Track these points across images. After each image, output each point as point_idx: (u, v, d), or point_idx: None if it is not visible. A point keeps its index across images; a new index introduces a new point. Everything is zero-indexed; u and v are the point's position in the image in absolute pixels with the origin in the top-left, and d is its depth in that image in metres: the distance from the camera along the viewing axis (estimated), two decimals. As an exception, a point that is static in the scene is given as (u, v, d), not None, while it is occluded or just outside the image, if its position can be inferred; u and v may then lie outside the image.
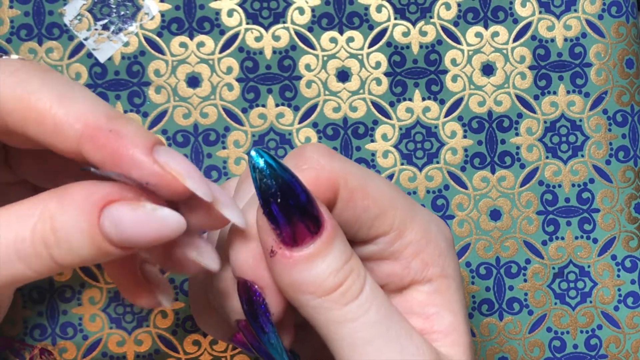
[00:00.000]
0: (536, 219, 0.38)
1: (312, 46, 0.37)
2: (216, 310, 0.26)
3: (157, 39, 0.37)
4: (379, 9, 0.37)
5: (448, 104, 0.38)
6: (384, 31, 0.37)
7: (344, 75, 0.37)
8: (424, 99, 0.37)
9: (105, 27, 0.36)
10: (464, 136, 0.38)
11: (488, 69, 0.38)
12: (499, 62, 0.38)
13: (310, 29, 0.37)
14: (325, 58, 0.37)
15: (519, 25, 0.38)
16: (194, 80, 0.37)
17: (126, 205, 0.20)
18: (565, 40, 0.38)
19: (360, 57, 0.37)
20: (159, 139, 0.21)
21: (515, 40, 0.38)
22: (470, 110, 0.38)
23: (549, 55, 0.38)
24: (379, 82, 0.37)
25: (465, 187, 0.37)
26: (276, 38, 0.37)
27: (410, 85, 0.37)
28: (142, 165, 0.20)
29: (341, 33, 0.37)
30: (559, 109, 0.38)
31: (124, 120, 0.21)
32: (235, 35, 0.37)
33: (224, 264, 0.24)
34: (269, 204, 0.22)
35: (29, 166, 0.26)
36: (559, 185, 0.38)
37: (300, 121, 0.37)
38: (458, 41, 0.38)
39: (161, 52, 0.37)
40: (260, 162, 0.22)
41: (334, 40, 0.37)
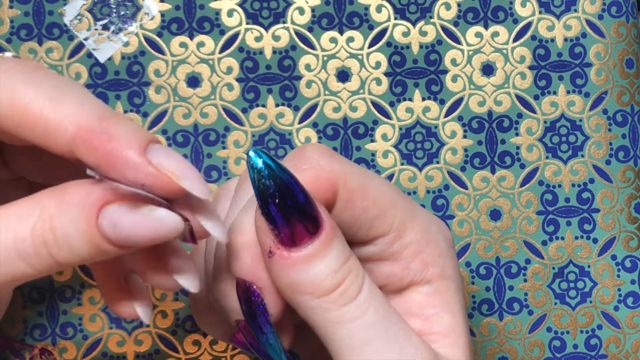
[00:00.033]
0: (536, 219, 0.38)
1: (312, 46, 0.37)
2: (216, 310, 0.26)
3: (157, 39, 0.37)
4: (379, 9, 0.37)
5: (448, 104, 0.38)
6: (384, 31, 0.37)
7: (344, 75, 0.37)
8: (424, 99, 0.37)
9: (105, 27, 0.36)
10: (464, 136, 0.38)
11: (488, 69, 0.38)
12: (499, 62, 0.38)
13: (310, 29, 0.37)
14: (325, 58, 0.37)
15: (519, 25, 0.38)
16: (194, 80, 0.37)
17: (124, 206, 0.20)
18: (565, 40, 0.38)
19: (360, 57, 0.37)
20: (152, 137, 0.21)
21: (515, 40, 0.38)
22: (470, 110, 0.38)
23: (549, 55, 0.38)
24: (379, 82, 0.37)
25: (465, 187, 0.37)
26: (276, 38, 0.37)
27: (410, 85, 0.37)
28: (136, 167, 0.20)
29: (341, 33, 0.37)
30: (559, 109, 0.38)
31: (116, 120, 0.21)
32: (235, 35, 0.37)
33: (223, 264, 0.24)
34: (267, 204, 0.22)
35: (24, 163, 0.26)
36: (559, 185, 0.38)
37: (300, 121, 0.37)
38: (458, 41, 0.38)
39: (161, 52, 0.37)
40: (259, 163, 0.22)
41: (334, 40, 0.37)
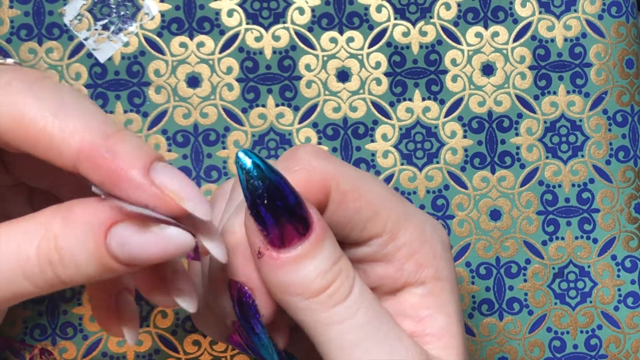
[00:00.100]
0: (536, 219, 0.38)
1: (312, 46, 0.37)
2: (213, 311, 0.26)
3: (157, 39, 0.37)
4: (379, 9, 0.37)
5: (448, 104, 0.38)
6: (384, 31, 0.37)
7: (344, 75, 0.37)
8: (424, 99, 0.37)
9: (105, 27, 0.36)
10: (464, 136, 0.38)
11: (488, 69, 0.38)
12: (499, 62, 0.38)
13: (310, 29, 0.37)
14: (325, 58, 0.37)
15: (519, 25, 0.38)
16: (194, 80, 0.37)
17: (133, 226, 0.20)
18: (565, 40, 0.38)
19: (360, 57, 0.37)
20: (156, 155, 0.21)
21: (515, 40, 0.38)
22: (470, 110, 0.38)
23: (549, 55, 0.38)
24: (379, 82, 0.37)
25: (465, 187, 0.37)
26: (276, 38, 0.37)
27: (410, 85, 0.37)
28: (140, 187, 0.20)
29: (341, 33, 0.37)
30: (559, 109, 0.38)
31: (121, 137, 0.21)
32: (235, 35, 0.37)
33: (217, 266, 0.24)
34: (256, 205, 0.22)
35: (26, 169, 0.26)
36: (559, 185, 0.38)
37: (300, 121, 0.37)
38: (458, 41, 0.38)
39: (161, 52, 0.37)
40: (248, 163, 0.22)
41: (334, 40, 0.37)
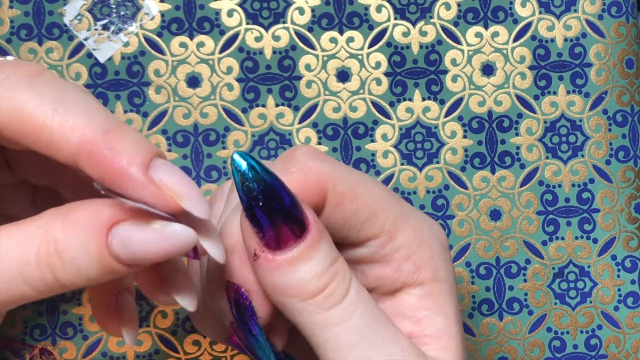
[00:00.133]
0: (536, 219, 0.38)
1: (312, 46, 0.37)
2: (211, 311, 0.26)
3: (157, 39, 0.37)
4: (379, 9, 0.37)
5: (448, 104, 0.38)
6: (384, 31, 0.37)
7: (344, 75, 0.37)
8: (424, 99, 0.37)
9: (105, 27, 0.36)
10: (464, 136, 0.38)
11: (488, 69, 0.38)
12: (499, 62, 0.38)
13: (310, 29, 0.37)
14: (325, 58, 0.37)
15: (519, 25, 0.38)
16: (194, 80, 0.37)
17: (134, 225, 0.20)
18: (565, 40, 0.38)
19: (360, 57, 0.37)
20: (156, 151, 0.21)
21: (515, 40, 0.38)
22: (470, 110, 0.38)
23: (549, 55, 0.38)
24: (379, 82, 0.37)
25: (465, 187, 0.37)
26: (276, 38, 0.37)
27: (410, 85, 0.37)
28: (138, 184, 0.20)
29: (341, 33, 0.37)
30: (559, 109, 0.38)
31: (120, 133, 0.20)
32: (235, 35, 0.37)
33: (214, 267, 0.24)
34: (252, 207, 0.22)
35: (29, 166, 0.26)
36: (559, 185, 0.38)
37: (300, 121, 0.37)
38: (458, 41, 0.38)
39: (161, 52, 0.37)
40: (243, 165, 0.22)
41: (334, 40, 0.37)
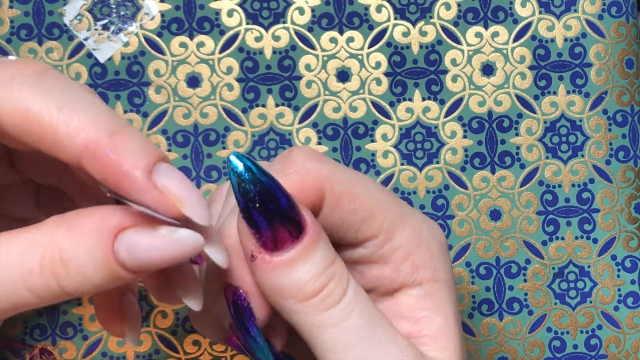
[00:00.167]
0: (536, 219, 0.38)
1: (312, 46, 0.37)
2: (211, 313, 0.26)
3: (157, 39, 0.37)
4: (379, 9, 0.37)
5: (448, 104, 0.38)
6: (384, 31, 0.37)
7: (344, 75, 0.37)
8: (424, 99, 0.37)
9: (105, 27, 0.36)
10: (464, 136, 0.38)
11: (488, 69, 0.38)
12: (499, 62, 0.38)
13: (310, 29, 0.37)
14: (325, 58, 0.37)
15: (519, 25, 0.38)
16: (194, 80, 0.37)
17: (141, 231, 0.20)
18: (565, 40, 0.38)
19: (360, 57, 0.37)
20: (160, 155, 0.21)
21: (515, 40, 0.38)
22: (470, 110, 0.38)
23: (549, 55, 0.38)
24: (379, 82, 0.37)
25: (465, 187, 0.37)
26: (276, 38, 0.37)
27: (410, 85, 0.37)
28: (141, 188, 0.20)
29: (341, 33, 0.37)
30: (559, 109, 0.38)
31: (125, 135, 0.20)
32: (235, 35, 0.37)
33: (213, 269, 0.24)
34: (248, 208, 0.22)
35: (34, 166, 0.26)
36: (559, 185, 0.38)
37: (300, 121, 0.37)
38: (458, 41, 0.38)
39: (161, 52, 0.37)
40: (239, 166, 0.22)
41: (334, 40, 0.37)
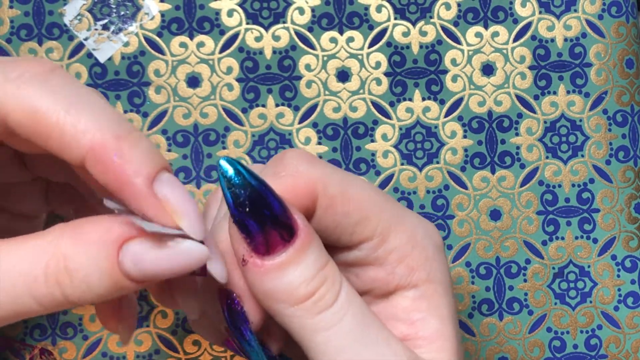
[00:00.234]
0: (536, 219, 0.38)
1: (312, 46, 0.37)
2: (209, 315, 0.26)
3: (157, 39, 0.37)
4: (379, 9, 0.37)
5: (448, 104, 0.38)
6: (384, 31, 0.37)
7: (344, 75, 0.37)
8: (424, 99, 0.37)
9: (105, 27, 0.36)
10: (464, 136, 0.38)
11: (488, 69, 0.38)
12: (499, 62, 0.38)
13: (310, 29, 0.37)
14: (325, 58, 0.37)
15: (519, 25, 0.38)
16: (194, 80, 0.37)
17: (146, 242, 0.20)
18: (565, 40, 0.38)
19: (360, 57, 0.37)
20: (163, 164, 0.21)
21: (515, 40, 0.38)
22: (470, 110, 0.38)
23: (549, 55, 0.38)
24: (379, 82, 0.37)
25: (465, 187, 0.37)
26: (276, 38, 0.37)
27: (410, 85, 0.37)
28: (141, 196, 0.20)
29: (341, 33, 0.37)
30: (559, 109, 0.38)
31: (131, 140, 0.20)
32: (235, 35, 0.37)
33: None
34: (239, 212, 0.22)
35: (45, 163, 0.26)
36: (559, 185, 0.38)
37: (300, 121, 0.37)
38: (458, 41, 0.38)
39: (161, 52, 0.37)
40: (229, 171, 0.22)
41: (334, 40, 0.37)
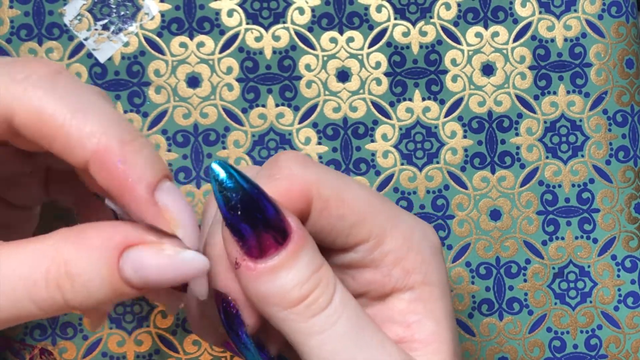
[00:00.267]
0: (536, 219, 0.38)
1: (312, 46, 0.37)
2: (208, 317, 0.26)
3: (157, 39, 0.37)
4: (379, 9, 0.37)
5: (448, 104, 0.38)
6: (384, 31, 0.37)
7: (344, 75, 0.37)
8: (424, 99, 0.37)
9: (105, 27, 0.36)
10: (464, 136, 0.38)
11: (488, 69, 0.38)
12: (499, 62, 0.38)
13: (310, 29, 0.37)
14: (325, 58, 0.37)
15: (519, 25, 0.38)
16: (194, 80, 0.37)
17: (147, 250, 0.20)
18: (565, 40, 0.38)
19: (360, 57, 0.37)
20: (165, 172, 0.21)
21: (515, 40, 0.38)
22: (470, 110, 0.38)
23: (549, 55, 0.38)
24: (379, 82, 0.37)
25: (465, 187, 0.37)
26: (276, 38, 0.37)
27: (410, 85, 0.37)
28: (142, 203, 0.20)
29: (341, 33, 0.37)
30: (559, 109, 0.38)
31: (136, 147, 0.21)
32: (235, 35, 0.37)
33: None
34: (231, 216, 0.22)
35: (47, 156, 0.26)
36: (559, 185, 0.38)
37: (300, 121, 0.37)
38: (458, 41, 0.38)
39: (161, 52, 0.37)
40: (221, 174, 0.22)
41: (334, 40, 0.37)
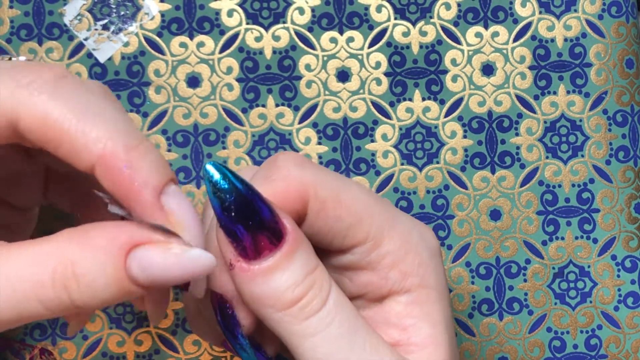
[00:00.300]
0: (536, 219, 0.38)
1: (312, 46, 0.37)
2: (207, 317, 0.26)
3: (157, 39, 0.37)
4: (379, 9, 0.37)
5: (448, 104, 0.38)
6: (384, 31, 0.37)
7: (344, 75, 0.37)
8: (424, 99, 0.37)
9: (105, 27, 0.36)
10: (464, 136, 0.38)
11: (488, 69, 0.38)
12: (499, 62, 0.38)
13: (310, 29, 0.37)
14: (325, 58, 0.37)
15: (519, 25, 0.38)
16: (194, 80, 0.37)
17: (154, 248, 0.20)
18: (565, 40, 0.38)
19: (360, 57, 0.37)
20: (171, 176, 0.21)
21: (515, 40, 0.38)
22: (470, 110, 0.38)
23: (549, 55, 0.38)
24: (379, 82, 0.37)
25: (465, 187, 0.37)
26: (276, 38, 0.37)
27: (410, 85, 0.37)
28: (148, 207, 0.20)
29: (341, 33, 0.37)
30: (559, 109, 0.38)
31: (142, 151, 0.21)
32: (235, 35, 0.37)
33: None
34: (225, 217, 0.22)
35: (50, 156, 0.26)
36: (559, 185, 0.38)
37: (300, 121, 0.37)
38: (458, 41, 0.38)
39: (161, 52, 0.37)
40: (215, 175, 0.22)
41: (334, 40, 0.37)
